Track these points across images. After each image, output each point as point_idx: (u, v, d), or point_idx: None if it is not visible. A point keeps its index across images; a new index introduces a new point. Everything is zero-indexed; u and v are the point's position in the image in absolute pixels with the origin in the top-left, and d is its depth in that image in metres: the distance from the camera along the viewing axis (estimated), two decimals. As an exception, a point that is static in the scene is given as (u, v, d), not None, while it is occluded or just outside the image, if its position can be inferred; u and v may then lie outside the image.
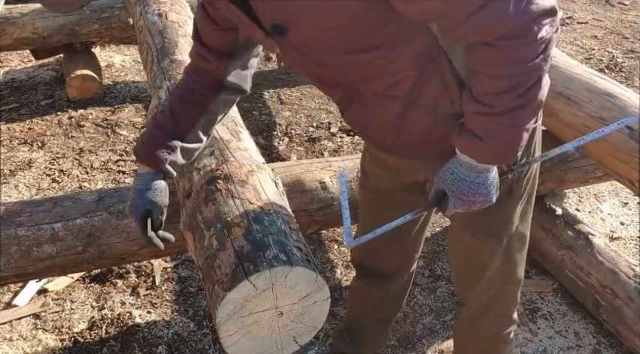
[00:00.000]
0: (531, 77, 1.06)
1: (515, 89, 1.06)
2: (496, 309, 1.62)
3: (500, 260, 1.50)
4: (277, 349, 1.25)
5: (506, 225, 1.45)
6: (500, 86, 1.07)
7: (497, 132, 1.12)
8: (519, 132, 1.13)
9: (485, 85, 1.09)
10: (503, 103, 1.08)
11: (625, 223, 2.85)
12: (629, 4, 5.75)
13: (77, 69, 3.57)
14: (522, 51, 1.04)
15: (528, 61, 1.04)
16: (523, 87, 1.06)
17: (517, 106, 1.08)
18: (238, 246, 1.22)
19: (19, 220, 1.60)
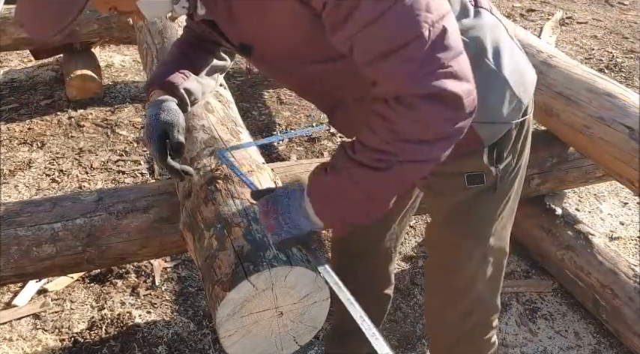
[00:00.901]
0: (401, 155, 0.97)
1: (380, 151, 0.98)
2: (474, 316, 1.51)
3: (477, 261, 1.42)
4: (277, 349, 1.25)
5: (486, 223, 1.38)
6: (369, 139, 0.99)
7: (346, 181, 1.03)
8: (356, 194, 1.03)
9: (364, 134, 1.01)
10: (362, 155, 1.00)
11: (625, 223, 2.85)
12: (628, 4, 5.76)
13: (77, 69, 3.57)
14: (407, 124, 0.95)
15: (408, 139, 0.96)
16: (390, 156, 0.98)
17: (368, 166, 0.99)
18: (238, 246, 1.22)
19: (19, 220, 1.60)
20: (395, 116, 0.95)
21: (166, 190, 1.74)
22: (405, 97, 0.94)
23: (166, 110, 1.31)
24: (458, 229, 1.39)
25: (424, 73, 0.92)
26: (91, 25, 3.58)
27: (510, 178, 1.35)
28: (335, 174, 1.04)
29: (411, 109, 0.93)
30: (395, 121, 0.95)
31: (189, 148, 1.63)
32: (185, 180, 1.40)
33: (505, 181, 1.33)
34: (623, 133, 1.86)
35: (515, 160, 1.33)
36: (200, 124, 1.70)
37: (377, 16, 0.91)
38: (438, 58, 0.92)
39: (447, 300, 1.51)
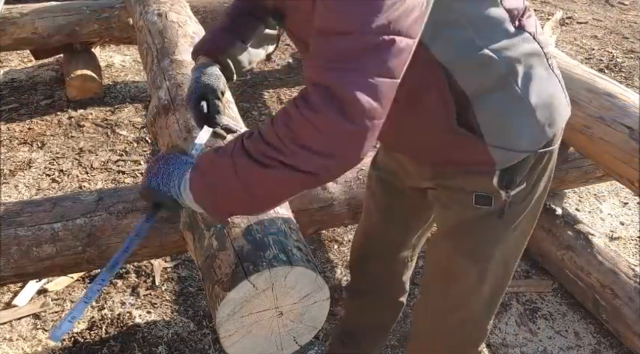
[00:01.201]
0: (287, 157, 0.92)
1: (270, 146, 0.93)
2: (459, 336, 1.47)
3: (473, 281, 1.36)
4: (277, 349, 1.25)
5: (489, 246, 1.33)
6: (266, 129, 0.95)
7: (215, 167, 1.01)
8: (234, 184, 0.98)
9: (265, 125, 0.97)
10: (253, 144, 0.96)
11: (625, 223, 2.85)
12: (629, 4, 5.76)
13: (77, 69, 3.57)
14: (304, 126, 0.90)
15: (300, 143, 0.91)
16: (275, 153, 0.93)
17: (253, 158, 0.94)
18: (238, 246, 1.22)
19: (19, 220, 1.60)
20: (295, 113, 0.91)
21: (166, 190, 1.74)
22: (310, 93, 0.89)
23: (207, 74, 1.32)
24: (458, 246, 1.36)
25: (342, 67, 0.87)
26: (91, 25, 3.58)
27: (522, 206, 1.29)
28: (221, 155, 0.99)
29: (310, 109, 0.89)
30: (294, 118, 0.91)
31: (189, 148, 1.63)
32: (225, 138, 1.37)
33: (515, 207, 1.27)
34: (623, 133, 1.86)
35: (530, 188, 1.27)
36: (200, 124, 1.70)
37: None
38: (366, 64, 0.88)
39: (436, 313, 1.48)
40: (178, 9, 2.67)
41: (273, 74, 4.09)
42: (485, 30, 1.10)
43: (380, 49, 0.87)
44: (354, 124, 0.88)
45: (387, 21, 0.87)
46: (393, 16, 0.87)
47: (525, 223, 1.35)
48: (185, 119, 1.74)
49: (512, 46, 1.13)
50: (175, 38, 2.31)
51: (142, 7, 2.75)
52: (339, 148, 0.91)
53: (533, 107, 1.16)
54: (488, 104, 1.14)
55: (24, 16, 3.47)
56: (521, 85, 1.14)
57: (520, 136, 1.18)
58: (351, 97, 0.87)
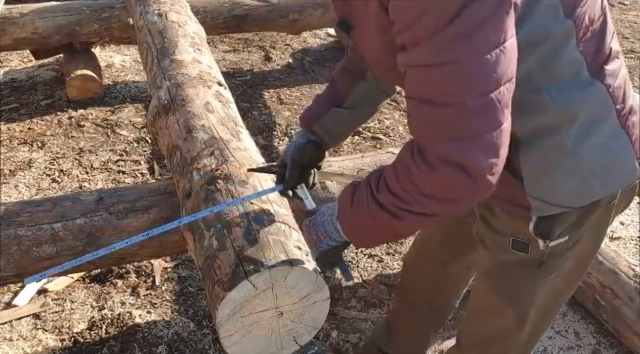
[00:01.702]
0: (415, 207, 0.97)
1: (398, 198, 0.98)
2: None
3: (509, 323, 1.35)
4: (277, 349, 1.25)
5: (525, 295, 1.29)
6: (391, 181, 1.00)
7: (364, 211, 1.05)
8: (378, 229, 1.06)
9: (388, 173, 1.02)
10: (383, 197, 1.01)
11: (625, 223, 2.85)
12: (629, 4, 5.76)
13: (77, 69, 3.56)
14: (426, 181, 0.94)
15: (427, 194, 0.95)
16: (405, 204, 0.98)
17: (388, 211, 1.00)
18: (238, 246, 1.22)
19: (19, 220, 1.60)
20: (415, 170, 0.94)
21: (166, 190, 1.74)
22: (428, 154, 0.92)
23: (291, 148, 1.37)
24: (494, 286, 1.34)
25: (452, 138, 0.89)
26: (91, 25, 3.57)
27: (563, 259, 1.22)
28: (358, 209, 1.06)
29: (431, 169, 0.92)
30: (415, 174, 0.95)
31: (189, 148, 1.63)
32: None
33: (555, 259, 1.21)
34: (623, 133, 1.86)
35: (573, 242, 1.20)
36: (200, 124, 1.70)
37: (435, 63, 0.86)
38: (472, 128, 0.88)
39: (470, 342, 1.50)
40: (178, 9, 2.67)
41: (273, 74, 4.09)
42: (552, 71, 1.03)
43: (483, 110, 0.87)
44: (477, 182, 0.91)
45: (486, 82, 0.86)
46: (492, 75, 0.85)
47: (569, 273, 1.29)
48: (185, 119, 1.74)
49: (576, 94, 1.05)
50: (175, 38, 2.31)
51: (142, 7, 2.75)
52: (464, 196, 0.95)
53: (582, 163, 1.09)
54: (535, 150, 1.08)
55: (24, 16, 3.47)
56: (573, 138, 1.06)
57: (560, 191, 1.11)
58: (469, 163, 0.89)
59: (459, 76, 0.85)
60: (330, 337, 2.14)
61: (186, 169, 1.57)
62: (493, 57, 0.84)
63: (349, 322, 2.21)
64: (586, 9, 1.02)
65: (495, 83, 0.86)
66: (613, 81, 1.08)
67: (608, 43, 1.08)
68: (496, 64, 0.85)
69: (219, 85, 1.99)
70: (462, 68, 0.85)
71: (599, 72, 1.07)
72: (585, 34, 1.03)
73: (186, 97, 1.84)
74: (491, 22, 0.82)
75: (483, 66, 0.84)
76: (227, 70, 4.08)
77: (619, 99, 1.10)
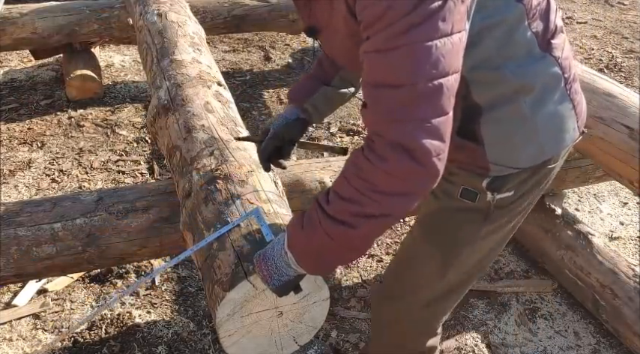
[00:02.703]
0: (370, 207, 0.97)
1: (351, 201, 0.98)
2: (402, 325, 1.52)
3: (431, 272, 1.40)
4: (277, 349, 1.25)
5: (459, 244, 1.35)
6: (341, 187, 1.00)
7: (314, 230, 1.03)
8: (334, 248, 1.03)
9: (337, 182, 1.02)
10: (335, 207, 1.00)
11: (624, 222, 2.85)
12: (628, 4, 5.76)
13: (77, 69, 3.57)
14: (378, 175, 0.95)
15: (379, 190, 0.96)
16: (359, 207, 0.97)
17: (342, 222, 0.99)
18: (238, 246, 1.23)
19: (18, 220, 1.60)
20: (366, 165, 0.96)
21: (166, 190, 1.74)
22: (377, 145, 0.95)
23: (278, 122, 1.42)
24: (429, 232, 1.39)
25: (403, 119, 0.93)
26: (91, 25, 3.57)
27: (504, 212, 1.30)
28: (310, 229, 1.03)
29: (381, 160, 0.94)
30: (366, 169, 0.96)
31: (189, 148, 1.63)
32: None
33: (498, 213, 1.30)
34: (623, 133, 1.86)
35: (516, 197, 1.29)
36: (200, 124, 1.70)
37: (386, 48, 0.92)
38: (421, 111, 0.93)
39: (388, 292, 1.53)
40: (178, 9, 2.67)
41: (273, 74, 4.09)
42: (508, 50, 1.13)
43: (432, 94, 0.92)
44: (425, 166, 0.94)
45: (435, 67, 0.92)
46: (440, 61, 0.92)
47: (501, 235, 1.36)
48: (185, 119, 1.74)
49: (531, 68, 1.15)
50: (175, 38, 2.31)
51: (141, 7, 2.75)
52: (415, 187, 0.97)
53: (537, 128, 1.19)
54: (495, 117, 1.17)
55: (24, 16, 3.47)
56: (529, 106, 1.17)
57: (519, 154, 1.21)
58: (416, 144, 0.92)
59: (410, 58, 0.91)
60: (329, 337, 2.14)
61: (185, 169, 1.57)
62: (442, 44, 0.91)
63: (349, 322, 2.21)
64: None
65: (444, 70, 0.92)
66: (560, 53, 1.20)
67: (553, 20, 1.18)
68: (444, 52, 0.91)
69: (218, 85, 1.99)
70: (413, 51, 0.91)
71: (548, 46, 1.18)
72: (534, 14, 1.14)
73: (186, 97, 1.84)
74: (441, 13, 0.90)
75: (433, 51, 0.91)
76: (227, 70, 4.08)
77: (566, 68, 1.22)
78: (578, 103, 1.27)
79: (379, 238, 2.61)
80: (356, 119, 3.59)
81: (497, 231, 1.34)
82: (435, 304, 1.47)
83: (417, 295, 1.45)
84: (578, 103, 1.27)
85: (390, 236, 2.64)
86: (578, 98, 1.27)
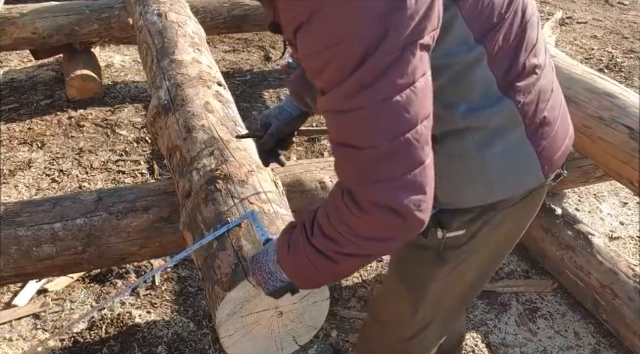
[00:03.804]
0: (351, 248, 0.95)
1: (333, 241, 0.96)
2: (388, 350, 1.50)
3: (405, 309, 1.38)
4: (277, 348, 1.25)
5: (422, 280, 1.33)
6: (325, 225, 0.97)
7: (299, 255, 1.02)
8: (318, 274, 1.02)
9: (321, 216, 0.98)
10: (318, 241, 0.98)
11: (624, 222, 2.85)
12: (628, 4, 5.76)
13: (77, 69, 3.56)
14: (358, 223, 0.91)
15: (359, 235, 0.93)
16: (341, 248, 0.95)
17: (324, 255, 0.97)
18: (238, 246, 1.23)
19: (19, 220, 1.60)
20: (347, 212, 0.91)
21: (166, 190, 1.74)
22: (357, 196, 0.90)
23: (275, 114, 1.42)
24: (398, 269, 1.39)
25: (374, 180, 0.87)
26: (91, 25, 3.57)
27: (460, 251, 1.26)
28: (295, 255, 1.02)
29: (362, 211, 0.89)
30: (346, 216, 0.92)
31: (189, 148, 1.63)
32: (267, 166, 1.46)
33: (452, 251, 1.25)
34: (623, 133, 1.86)
35: (468, 237, 1.23)
36: (200, 124, 1.70)
37: (344, 109, 0.85)
38: (393, 170, 0.86)
39: (368, 332, 1.55)
40: (178, 9, 2.67)
41: (273, 74, 4.09)
42: (462, 89, 1.05)
43: (399, 151, 0.85)
44: (407, 220, 0.89)
45: (397, 124, 0.84)
46: (402, 116, 0.84)
47: (465, 269, 1.31)
48: (185, 119, 1.74)
49: (485, 111, 1.07)
50: (175, 38, 2.31)
51: (141, 7, 2.75)
52: (397, 235, 0.93)
53: (485, 166, 1.12)
54: (445, 151, 1.09)
55: (24, 16, 3.47)
56: (477, 144, 1.10)
57: (465, 191, 1.15)
58: (394, 204, 0.87)
59: (367, 122, 0.84)
60: (329, 336, 2.14)
61: (185, 169, 1.57)
62: (403, 98, 0.82)
63: (349, 322, 2.21)
64: (503, 31, 1.03)
65: (409, 124, 0.85)
66: (524, 97, 1.09)
67: (522, 60, 1.07)
68: (407, 106, 0.83)
69: (218, 85, 1.99)
70: (369, 113, 0.83)
71: (509, 88, 1.07)
72: (498, 53, 1.04)
73: (186, 97, 1.84)
74: (396, 67, 0.81)
75: (393, 110, 0.83)
76: (227, 70, 4.08)
77: (528, 113, 1.11)
78: (544, 147, 1.16)
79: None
80: (356, 119, 3.58)
81: (460, 268, 1.30)
82: (418, 336, 1.45)
83: (396, 328, 1.45)
84: (544, 147, 1.16)
85: (390, 236, 2.63)
86: (545, 143, 1.16)
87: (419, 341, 1.46)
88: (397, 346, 1.48)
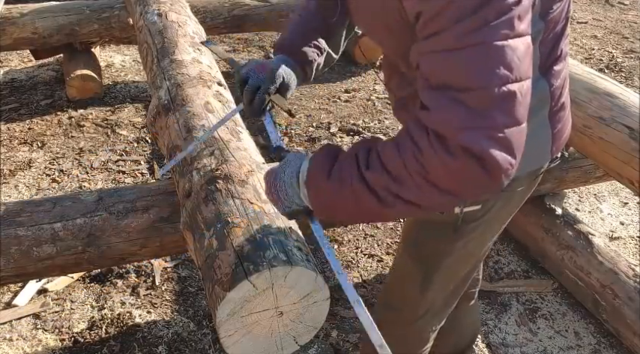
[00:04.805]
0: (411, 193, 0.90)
1: (395, 180, 0.91)
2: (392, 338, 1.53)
3: (416, 286, 1.39)
4: (277, 349, 1.25)
5: (434, 255, 1.34)
6: (390, 159, 0.92)
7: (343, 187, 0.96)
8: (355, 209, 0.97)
9: (387, 149, 0.93)
10: (373, 175, 0.93)
11: (625, 222, 2.85)
12: (629, 4, 5.76)
13: (77, 69, 3.57)
14: (437, 166, 0.87)
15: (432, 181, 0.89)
16: (399, 188, 0.91)
17: (375, 192, 0.92)
18: (238, 246, 1.23)
19: (19, 220, 1.60)
20: (430, 153, 0.87)
21: (166, 190, 1.74)
22: (449, 141, 0.86)
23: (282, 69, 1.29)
24: (409, 248, 1.40)
25: (474, 126, 0.85)
26: (91, 25, 3.58)
27: (473, 226, 1.28)
28: (338, 184, 0.96)
29: (450, 155, 0.85)
30: (428, 156, 0.87)
31: (189, 147, 1.63)
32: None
33: (467, 226, 1.27)
34: (623, 133, 1.86)
35: (483, 213, 1.26)
36: (200, 124, 1.70)
37: (458, 47, 0.84)
38: (495, 119, 0.85)
39: (378, 310, 1.54)
40: (178, 9, 2.67)
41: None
42: None
43: (506, 100, 0.85)
44: (491, 178, 0.87)
45: (510, 70, 0.84)
46: (515, 63, 0.85)
47: (476, 245, 1.35)
48: (185, 119, 1.74)
49: None
50: (175, 38, 2.31)
51: (142, 7, 2.75)
52: (468, 191, 0.90)
53: None
54: None
55: (24, 16, 3.47)
56: None
57: None
58: (488, 156, 0.85)
59: (482, 59, 0.84)
60: (330, 336, 2.14)
61: (186, 169, 1.57)
62: (516, 45, 0.84)
63: (349, 322, 2.21)
64: (557, 12, 1.08)
65: (518, 74, 0.85)
66: (556, 81, 1.15)
67: (562, 45, 1.14)
68: (519, 55, 0.85)
69: (219, 85, 1.99)
70: (486, 51, 0.83)
71: (547, 71, 1.13)
72: (549, 34, 1.09)
73: (186, 97, 1.84)
74: (517, 10, 0.83)
75: (507, 51, 0.84)
76: (227, 70, 4.08)
77: (555, 97, 1.18)
78: (558, 130, 1.23)
79: (379, 239, 2.61)
80: (356, 119, 3.59)
81: (471, 244, 1.32)
82: (424, 317, 1.47)
83: (407, 307, 1.46)
84: (558, 130, 1.23)
85: (390, 236, 2.63)
86: (560, 126, 1.23)
87: (422, 325, 1.48)
88: (403, 335, 1.49)
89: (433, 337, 1.57)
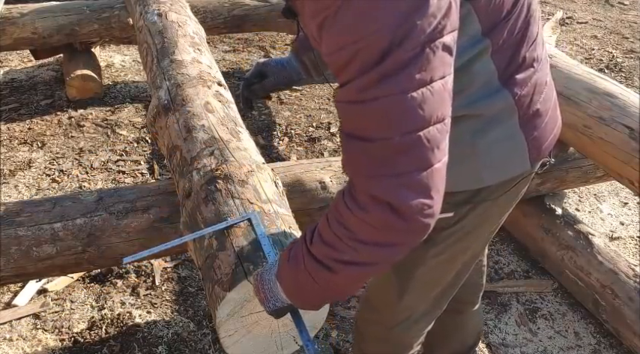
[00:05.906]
0: (349, 255, 0.91)
1: (331, 247, 0.93)
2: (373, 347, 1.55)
3: (392, 295, 1.40)
4: (277, 348, 1.25)
5: (409, 265, 1.31)
6: (324, 230, 0.94)
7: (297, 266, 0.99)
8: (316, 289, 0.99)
9: (322, 221, 0.96)
10: (316, 249, 0.95)
11: (625, 223, 2.85)
12: (629, 4, 5.76)
13: (77, 69, 3.57)
14: (356, 223, 0.89)
15: (359, 239, 0.90)
16: (339, 254, 0.92)
17: (323, 264, 0.94)
18: (238, 246, 1.23)
19: (19, 220, 1.60)
20: (346, 212, 0.90)
21: (166, 190, 1.74)
22: (358, 193, 0.88)
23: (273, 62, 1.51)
24: None
25: (380, 174, 0.85)
26: (91, 25, 3.57)
27: (446, 233, 1.27)
28: (295, 266, 1.00)
29: (361, 209, 0.87)
30: (345, 216, 0.90)
31: (189, 148, 1.63)
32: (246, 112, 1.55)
33: (439, 234, 1.25)
34: (623, 133, 1.86)
35: (456, 219, 1.25)
36: (200, 124, 1.70)
37: (359, 100, 0.85)
38: (399, 165, 0.85)
39: (358, 320, 1.57)
40: (178, 9, 2.67)
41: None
42: (464, 81, 1.04)
43: (410, 148, 0.84)
44: (408, 222, 0.87)
45: (411, 120, 0.84)
46: (417, 113, 0.84)
47: (452, 254, 1.32)
48: (185, 119, 1.74)
49: (481, 102, 1.10)
50: (175, 38, 2.31)
51: (142, 7, 2.75)
52: (398, 240, 0.90)
53: (475, 152, 1.15)
54: None
55: (24, 16, 3.47)
56: (471, 131, 1.12)
57: (454, 174, 1.11)
58: (397, 201, 0.85)
59: (383, 112, 0.84)
60: (329, 337, 2.14)
61: (186, 169, 1.57)
62: (419, 95, 0.83)
63: (349, 322, 2.21)
64: (509, 24, 1.05)
65: (423, 122, 0.84)
66: (520, 90, 1.12)
67: (523, 53, 1.10)
68: (422, 104, 0.83)
69: (219, 85, 1.99)
70: (386, 104, 0.83)
71: (508, 80, 1.10)
72: (502, 46, 1.06)
73: (186, 97, 1.84)
74: (417, 63, 0.82)
75: (408, 104, 0.83)
76: (227, 70, 4.08)
77: (523, 105, 1.14)
78: (535, 137, 1.20)
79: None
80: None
81: (443, 253, 1.30)
82: (405, 323, 1.46)
83: (387, 311, 1.46)
84: (535, 137, 1.20)
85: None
86: (536, 133, 1.20)
87: (402, 330, 1.48)
88: (385, 337, 1.50)
89: (418, 342, 1.55)
